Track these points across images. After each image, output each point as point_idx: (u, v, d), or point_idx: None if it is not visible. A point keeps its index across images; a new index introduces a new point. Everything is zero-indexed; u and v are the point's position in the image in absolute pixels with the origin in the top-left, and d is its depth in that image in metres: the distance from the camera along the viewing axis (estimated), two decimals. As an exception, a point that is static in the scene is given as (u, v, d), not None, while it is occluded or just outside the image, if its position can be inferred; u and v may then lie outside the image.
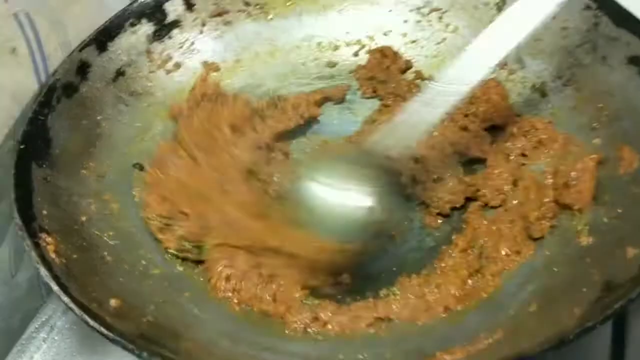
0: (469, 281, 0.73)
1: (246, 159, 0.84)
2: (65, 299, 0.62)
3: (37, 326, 0.84)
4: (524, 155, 0.83)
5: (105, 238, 0.76)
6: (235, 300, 0.74)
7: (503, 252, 0.75)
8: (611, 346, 0.74)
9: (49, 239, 0.69)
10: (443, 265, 0.76)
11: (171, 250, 0.78)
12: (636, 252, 0.63)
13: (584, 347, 0.73)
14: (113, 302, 0.66)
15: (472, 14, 0.95)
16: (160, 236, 0.78)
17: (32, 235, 0.68)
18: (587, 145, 0.79)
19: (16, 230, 0.68)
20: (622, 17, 0.79)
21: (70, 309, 0.61)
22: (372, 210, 0.74)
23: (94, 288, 0.67)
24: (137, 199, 0.83)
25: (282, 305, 0.73)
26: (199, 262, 0.78)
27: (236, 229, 0.77)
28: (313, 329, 0.71)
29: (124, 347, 0.58)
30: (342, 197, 0.75)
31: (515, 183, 0.80)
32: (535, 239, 0.75)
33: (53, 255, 0.67)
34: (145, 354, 0.57)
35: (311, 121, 0.94)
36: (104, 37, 0.89)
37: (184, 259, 0.78)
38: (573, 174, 0.75)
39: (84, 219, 0.77)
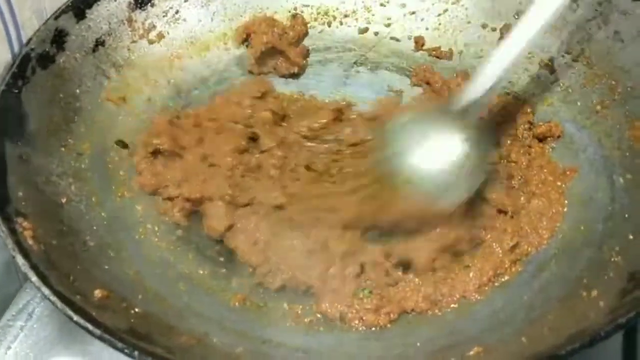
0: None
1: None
2: (46, 290, 0.56)
3: (14, 313, 0.79)
4: None
5: (86, 221, 0.71)
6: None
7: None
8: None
9: (25, 224, 0.63)
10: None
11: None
12: (662, 240, 0.60)
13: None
14: (98, 292, 0.61)
15: (474, -16, 0.91)
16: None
17: (8, 220, 0.62)
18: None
19: (-11, 213, 0.63)
20: (636, -10, 0.75)
21: (51, 302, 0.56)
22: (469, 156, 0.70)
23: (76, 277, 0.62)
24: (120, 178, 0.78)
25: None
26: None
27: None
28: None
29: (112, 346, 0.53)
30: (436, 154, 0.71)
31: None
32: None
33: (31, 242, 0.62)
34: (136, 354, 0.52)
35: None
36: (82, 3, 0.82)
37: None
38: None
39: (63, 200, 0.71)
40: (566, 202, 0.73)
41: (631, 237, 0.64)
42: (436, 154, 0.71)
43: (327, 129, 0.81)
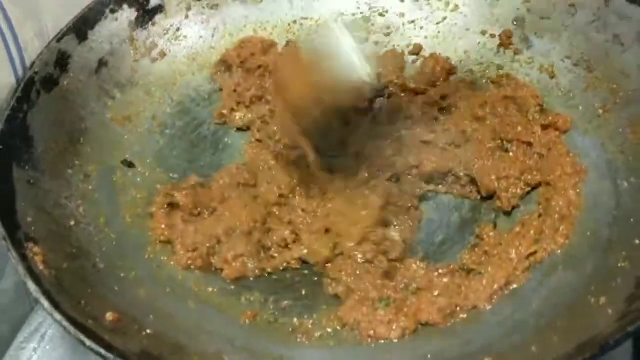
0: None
1: None
2: (58, 316, 0.57)
3: (26, 335, 0.79)
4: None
5: (95, 243, 0.71)
6: None
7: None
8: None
9: (36, 249, 0.64)
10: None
11: None
12: (669, 245, 0.60)
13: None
14: (109, 315, 0.62)
15: (471, -9, 0.91)
16: None
17: (18, 245, 0.63)
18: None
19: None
20: (635, -7, 0.75)
21: (64, 327, 0.56)
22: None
23: (88, 301, 0.62)
24: (127, 198, 0.78)
25: None
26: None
27: None
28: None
29: (126, 369, 0.53)
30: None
31: None
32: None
33: (41, 267, 0.62)
34: (150, 376, 0.52)
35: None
36: (83, 24, 0.83)
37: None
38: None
39: (72, 223, 0.71)
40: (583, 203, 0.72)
41: (637, 241, 0.64)
42: None
43: None
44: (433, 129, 0.83)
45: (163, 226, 0.76)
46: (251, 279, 0.74)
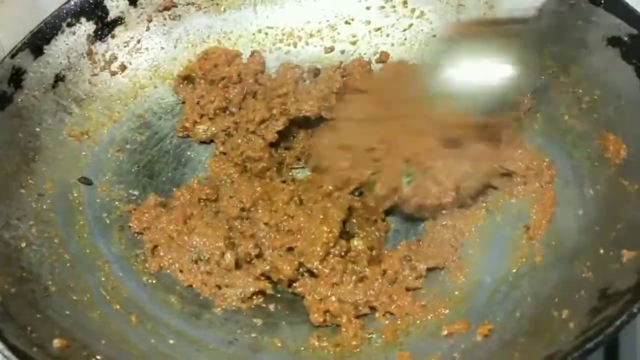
0: None
1: None
2: (0, 345, 0.54)
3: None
4: None
5: (48, 265, 0.69)
6: None
7: None
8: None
9: (-19, 274, 0.62)
10: None
11: None
12: (632, 256, 0.58)
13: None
14: (57, 342, 0.59)
15: (437, -2, 0.89)
16: None
17: (-39, 271, 0.60)
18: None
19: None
20: (599, -4, 0.74)
21: (6, 357, 0.54)
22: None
23: (35, 327, 0.60)
24: (83, 217, 0.76)
25: None
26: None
27: None
28: None
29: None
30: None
31: None
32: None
33: (-14, 293, 0.60)
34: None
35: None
36: (39, 40, 0.81)
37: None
38: None
39: (23, 244, 0.69)
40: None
41: (602, 251, 0.62)
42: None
43: None
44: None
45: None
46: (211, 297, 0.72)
